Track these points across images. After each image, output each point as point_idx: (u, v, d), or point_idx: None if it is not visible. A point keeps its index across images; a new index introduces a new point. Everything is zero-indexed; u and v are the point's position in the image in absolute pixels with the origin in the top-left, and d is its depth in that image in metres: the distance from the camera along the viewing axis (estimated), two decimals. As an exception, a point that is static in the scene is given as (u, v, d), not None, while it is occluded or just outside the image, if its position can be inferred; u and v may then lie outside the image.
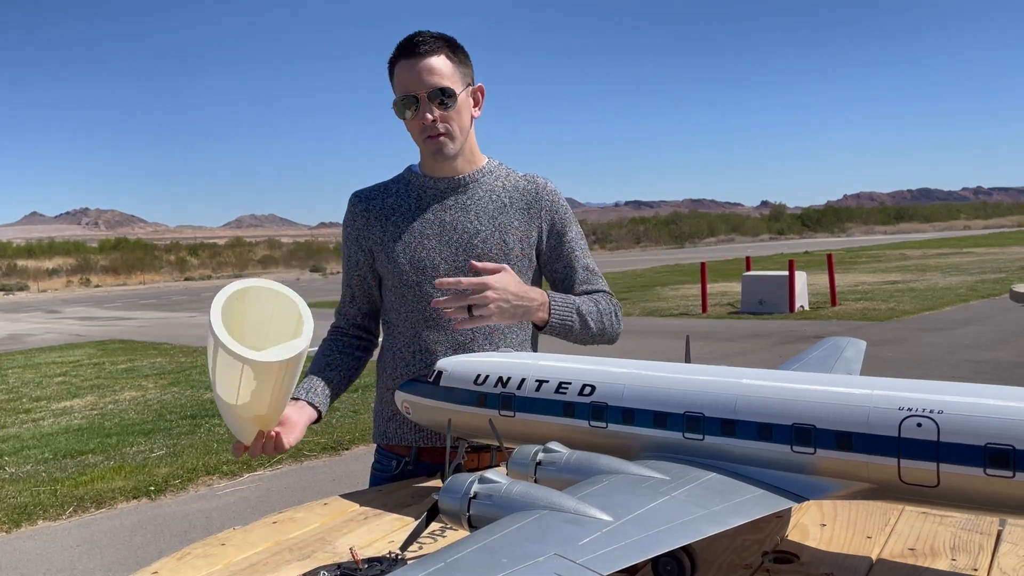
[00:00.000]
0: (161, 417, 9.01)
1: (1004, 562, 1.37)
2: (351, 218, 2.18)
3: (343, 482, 6.19)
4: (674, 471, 1.33)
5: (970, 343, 11.44)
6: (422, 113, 2.02)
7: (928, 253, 36.14)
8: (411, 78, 2.00)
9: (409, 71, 2.01)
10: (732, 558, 1.41)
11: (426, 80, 2.00)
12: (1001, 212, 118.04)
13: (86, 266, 51.60)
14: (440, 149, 2.06)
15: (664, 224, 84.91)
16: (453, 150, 2.08)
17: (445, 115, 2.03)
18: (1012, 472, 1.14)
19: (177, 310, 25.65)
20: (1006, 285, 17.78)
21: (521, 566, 1.00)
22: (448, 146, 2.06)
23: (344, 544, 1.54)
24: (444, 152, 2.06)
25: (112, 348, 15.89)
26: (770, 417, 1.32)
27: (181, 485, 6.48)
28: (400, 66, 2.03)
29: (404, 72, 2.02)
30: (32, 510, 5.98)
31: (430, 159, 2.10)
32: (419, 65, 2.00)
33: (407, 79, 2.01)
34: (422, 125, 2.03)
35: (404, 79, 2.02)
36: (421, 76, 2.00)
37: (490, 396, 1.64)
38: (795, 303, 16.09)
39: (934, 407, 1.21)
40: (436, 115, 2.02)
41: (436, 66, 2.01)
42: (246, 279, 1.67)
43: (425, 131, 2.04)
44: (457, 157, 2.10)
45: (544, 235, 2.18)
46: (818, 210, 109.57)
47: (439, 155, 2.07)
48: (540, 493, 1.20)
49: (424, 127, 2.03)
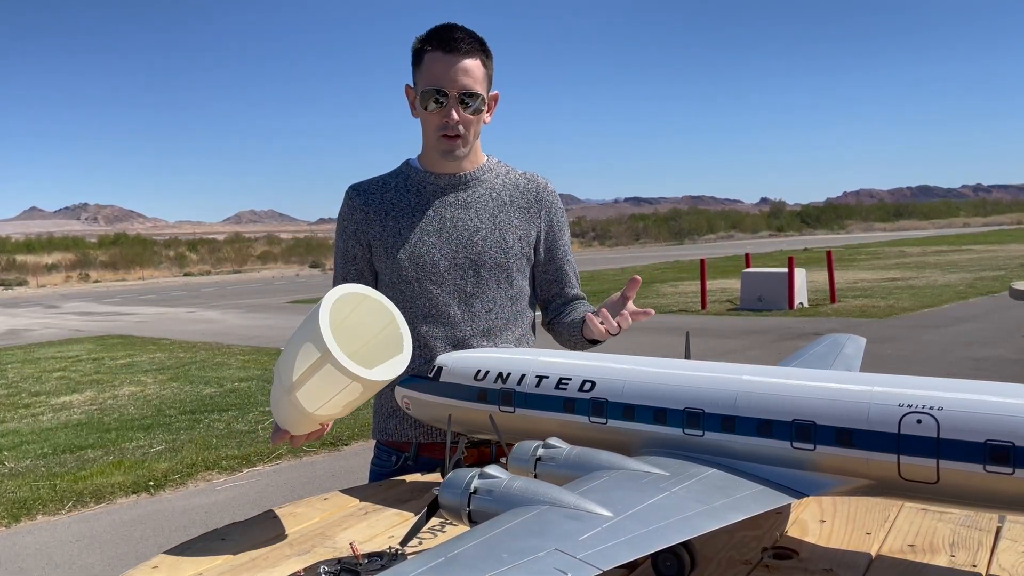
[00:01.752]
0: (160, 412, 9.01)
1: (1003, 558, 1.37)
2: (349, 212, 2.17)
3: (343, 478, 6.19)
4: (674, 467, 1.33)
5: (969, 340, 11.44)
6: (447, 111, 2.02)
7: (927, 250, 36.15)
8: (445, 74, 2.00)
9: (445, 66, 2.00)
10: (731, 554, 1.41)
11: (460, 80, 2.00)
12: (1000, 209, 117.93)
13: (85, 261, 51.58)
14: (453, 150, 2.07)
15: (664, 221, 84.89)
16: (463, 153, 2.09)
17: (467, 118, 2.05)
18: (1012, 469, 1.14)
19: (176, 305, 25.64)
20: (1005, 282, 17.78)
21: (521, 561, 1.00)
22: (460, 149, 2.08)
23: (344, 539, 1.54)
24: (456, 154, 2.08)
25: (111, 343, 15.88)
26: (770, 413, 1.32)
27: (180, 480, 6.49)
28: (434, 57, 2.01)
29: (438, 65, 2.00)
30: (31, 505, 5.98)
31: (438, 157, 2.10)
32: (457, 64, 2.00)
33: (440, 73, 2.00)
34: (443, 122, 2.04)
35: (437, 72, 2.00)
36: (456, 76, 2.00)
37: (490, 392, 1.64)
38: (794, 300, 16.09)
39: (934, 404, 1.21)
40: (460, 117, 2.03)
41: (471, 69, 2.02)
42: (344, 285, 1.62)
43: (444, 129, 2.04)
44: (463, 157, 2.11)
45: (542, 236, 2.20)
46: (817, 207, 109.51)
47: (449, 156, 2.08)
48: (540, 489, 1.20)
49: (445, 125, 2.04)
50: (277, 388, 1.65)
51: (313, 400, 1.57)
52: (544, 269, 2.24)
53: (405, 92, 2.14)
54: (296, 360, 1.53)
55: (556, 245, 2.23)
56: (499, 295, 2.12)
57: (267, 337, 15.61)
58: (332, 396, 1.55)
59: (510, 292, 2.14)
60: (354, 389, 1.53)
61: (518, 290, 2.16)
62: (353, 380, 1.49)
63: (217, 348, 14.34)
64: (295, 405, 1.60)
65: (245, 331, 17.07)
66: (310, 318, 1.53)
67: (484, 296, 2.09)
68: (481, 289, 2.09)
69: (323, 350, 1.46)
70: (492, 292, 2.11)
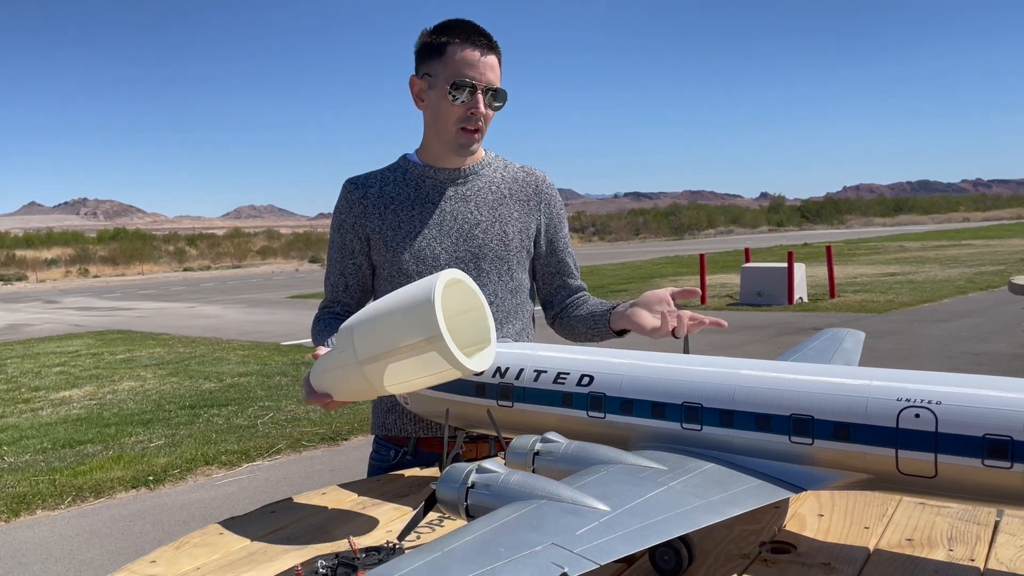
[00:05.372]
0: (160, 407, 9.01)
1: (1001, 553, 1.37)
2: (347, 205, 2.16)
3: (341, 472, 6.19)
4: (672, 461, 1.33)
5: (968, 335, 11.45)
6: (475, 104, 2.02)
7: (927, 245, 36.13)
8: (474, 67, 2.00)
9: (474, 60, 2.00)
10: (730, 548, 1.41)
11: (488, 76, 2.02)
12: (1000, 204, 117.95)
13: (85, 256, 51.53)
14: (470, 144, 2.08)
15: (663, 216, 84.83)
16: (477, 148, 2.12)
17: (488, 114, 2.06)
18: (1010, 463, 1.14)
19: (175, 300, 25.64)
20: (1005, 277, 17.78)
21: (518, 556, 1.00)
22: (476, 144, 2.10)
23: (342, 534, 1.54)
24: (471, 148, 2.10)
25: (111, 338, 15.88)
26: (768, 407, 1.32)
27: (180, 475, 6.49)
28: (461, 48, 2.01)
29: (467, 57, 2.00)
30: (31, 499, 5.99)
31: (450, 150, 2.10)
32: (485, 59, 2.01)
33: (469, 66, 2.00)
34: (468, 115, 2.04)
35: (466, 64, 2.00)
36: (485, 71, 2.01)
37: (488, 386, 1.64)
38: (794, 295, 16.09)
39: (932, 398, 1.21)
40: (484, 112, 2.04)
41: (495, 66, 2.04)
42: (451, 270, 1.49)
43: (466, 122, 2.05)
44: None
45: (542, 229, 2.20)
46: (817, 202, 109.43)
47: (465, 150, 2.09)
48: (538, 483, 1.20)
49: (469, 117, 2.04)
50: (342, 354, 1.53)
51: (393, 376, 1.48)
52: (546, 262, 2.24)
53: (410, 84, 2.12)
54: (387, 335, 1.43)
55: (557, 237, 2.24)
56: (500, 288, 2.12)
57: (267, 332, 15.61)
58: (418, 377, 1.47)
59: (511, 285, 2.14)
60: (445, 375, 1.46)
61: (518, 283, 2.17)
62: (455, 369, 1.41)
63: (216, 343, 14.34)
64: (366, 378, 1.50)
65: (245, 326, 17.07)
66: (416, 296, 1.42)
67: (485, 289, 2.09)
68: (482, 282, 2.09)
69: (433, 336, 1.37)
70: (493, 285, 2.11)
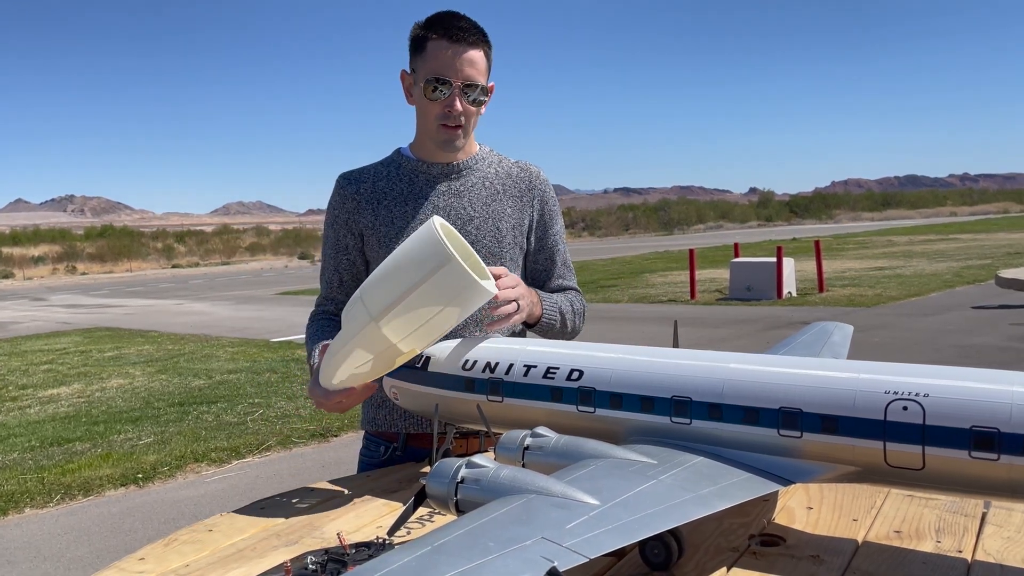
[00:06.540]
0: (149, 405, 8.97)
1: (988, 544, 1.38)
2: (340, 200, 2.15)
3: (331, 468, 6.19)
4: (661, 455, 1.33)
5: (955, 328, 11.52)
6: (451, 101, 2.00)
7: (915, 239, 36.33)
8: (450, 63, 1.97)
9: (450, 55, 1.97)
10: (719, 541, 1.42)
11: (466, 71, 1.98)
12: (987, 198, 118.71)
13: (72, 253, 51.22)
14: (453, 140, 2.06)
15: (653, 211, 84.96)
16: (462, 144, 2.09)
17: (469, 109, 2.03)
18: (996, 455, 1.15)
19: (164, 297, 25.52)
20: (991, 271, 17.89)
21: (508, 550, 1.00)
22: (459, 140, 2.07)
23: (332, 529, 1.54)
24: (454, 145, 2.07)
25: (99, 336, 15.79)
26: (757, 401, 1.33)
27: (169, 472, 6.47)
28: (438, 45, 1.98)
29: (443, 53, 1.97)
30: (19, 498, 5.95)
31: (435, 146, 2.09)
32: (463, 54, 1.97)
33: (445, 62, 1.97)
34: (445, 112, 2.01)
35: (442, 61, 1.97)
36: (462, 66, 1.97)
37: (478, 381, 1.64)
38: (783, 289, 16.14)
39: (920, 390, 1.22)
40: (463, 107, 2.01)
41: (476, 60, 2.00)
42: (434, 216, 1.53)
43: (444, 119, 2.02)
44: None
45: (534, 223, 2.19)
46: (806, 197, 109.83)
47: (448, 146, 2.07)
48: (528, 477, 1.20)
49: (447, 115, 2.01)
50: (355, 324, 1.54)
51: (411, 324, 1.49)
52: (534, 259, 2.22)
53: (400, 78, 2.11)
54: (398, 280, 1.46)
55: (547, 233, 2.21)
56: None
57: (256, 329, 15.56)
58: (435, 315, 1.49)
59: (503, 280, 2.13)
60: (460, 308, 1.49)
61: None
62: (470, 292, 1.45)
63: (205, 340, 14.29)
64: (386, 337, 1.51)
65: (234, 323, 17.01)
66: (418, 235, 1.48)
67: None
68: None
69: (442, 259, 1.42)
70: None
